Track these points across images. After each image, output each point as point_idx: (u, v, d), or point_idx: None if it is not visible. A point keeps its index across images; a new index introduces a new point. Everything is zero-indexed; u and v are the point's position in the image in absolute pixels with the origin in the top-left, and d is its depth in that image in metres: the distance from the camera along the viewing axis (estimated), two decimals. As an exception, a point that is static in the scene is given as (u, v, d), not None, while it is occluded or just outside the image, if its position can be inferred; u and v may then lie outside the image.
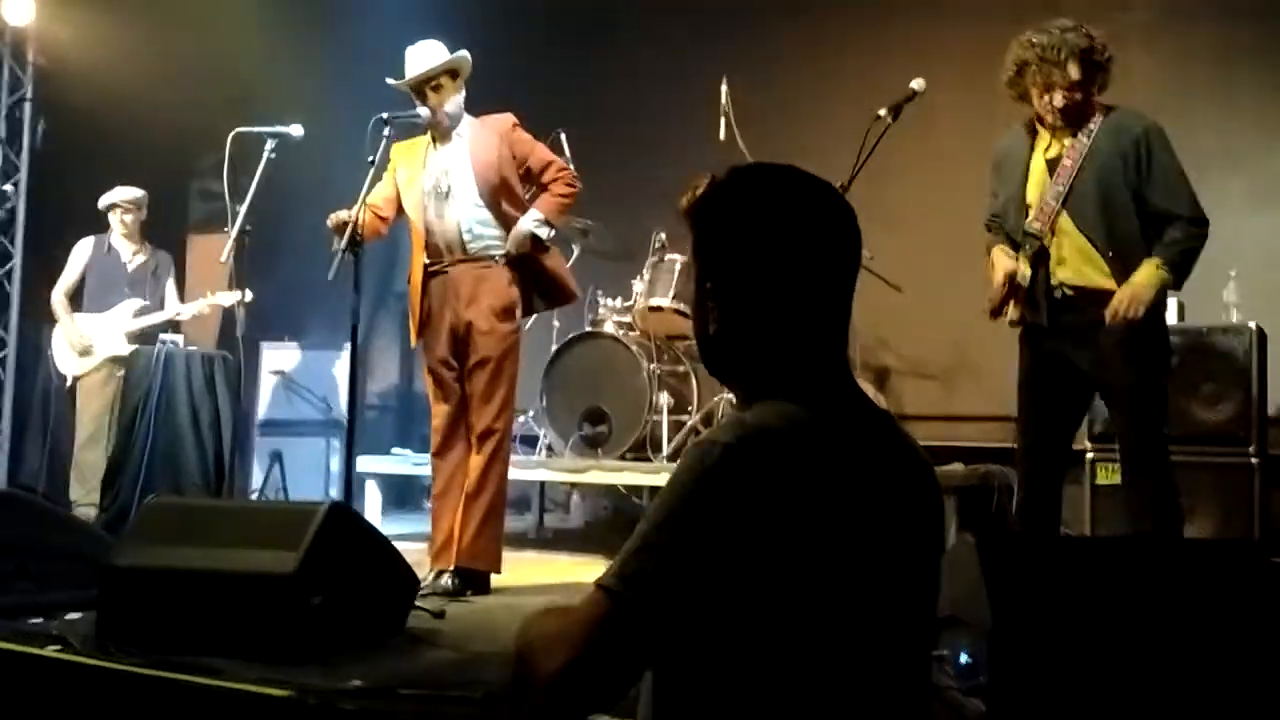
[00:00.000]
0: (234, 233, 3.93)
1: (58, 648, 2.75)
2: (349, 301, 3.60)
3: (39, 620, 3.05)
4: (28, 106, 6.79)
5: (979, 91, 4.86)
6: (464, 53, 4.01)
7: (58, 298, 5.71)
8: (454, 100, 3.96)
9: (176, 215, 9.10)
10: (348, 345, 7.08)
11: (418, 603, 3.20)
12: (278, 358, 6.88)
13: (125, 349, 5.25)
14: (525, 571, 4.40)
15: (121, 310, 5.53)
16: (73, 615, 3.13)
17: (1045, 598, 2.03)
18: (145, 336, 5.43)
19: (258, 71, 7.57)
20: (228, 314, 8.58)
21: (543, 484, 6.08)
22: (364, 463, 5.62)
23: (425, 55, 3.91)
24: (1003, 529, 4.09)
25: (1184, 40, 5.42)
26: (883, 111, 3.55)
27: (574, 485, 6.26)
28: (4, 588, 3.13)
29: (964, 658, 2.24)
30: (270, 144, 4.07)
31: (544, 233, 3.91)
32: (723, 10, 6.58)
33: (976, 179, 4.12)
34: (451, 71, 3.95)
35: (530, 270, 3.98)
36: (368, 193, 3.66)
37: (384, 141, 3.70)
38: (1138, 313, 3.17)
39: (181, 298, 5.87)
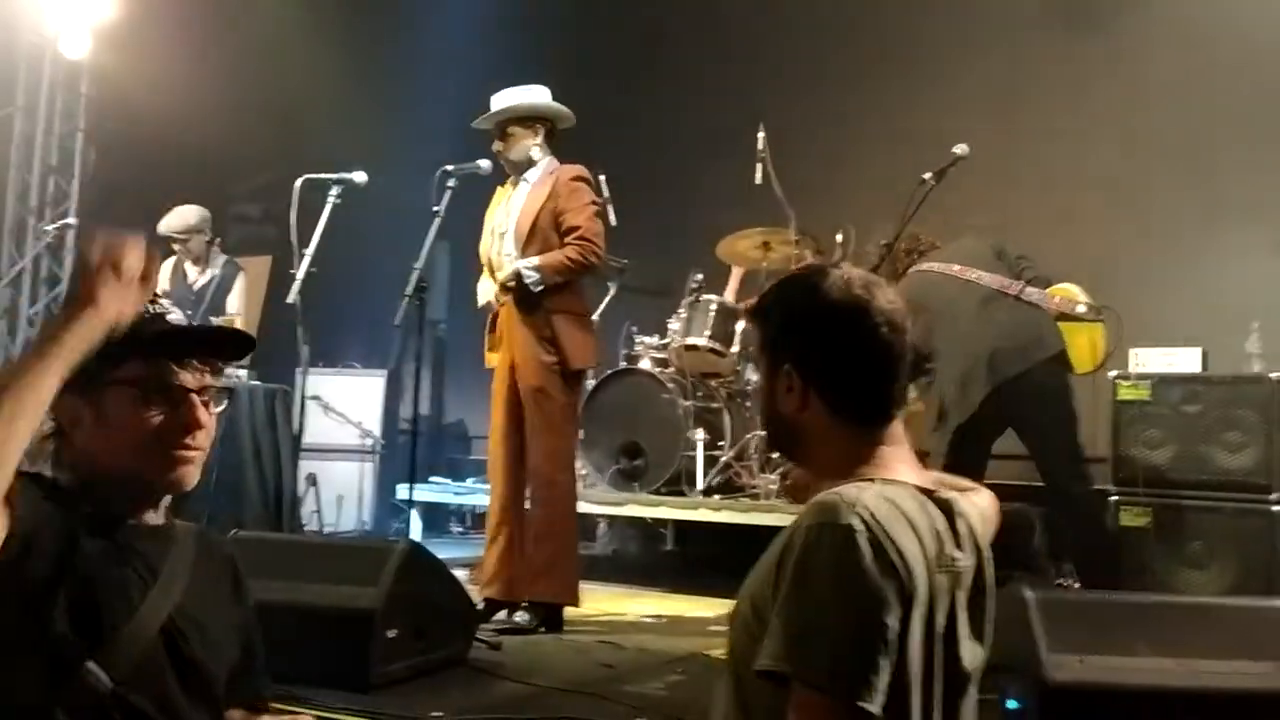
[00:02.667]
0: (300, 274, 4.10)
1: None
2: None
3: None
4: (80, 137, 7.01)
5: (1001, 145, 5.06)
6: (533, 101, 4.16)
7: None
8: (520, 147, 4.10)
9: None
10: (384, 371, 7.38)
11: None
12: (315, 383, 7.05)
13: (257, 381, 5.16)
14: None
15: None
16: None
17: (1094, 650, 2.19)
18: None
19: (294, 102, 7.81)
20: (260, 343, 8.84)
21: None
22: (405, 490, 5.77)
23: (497, 102, 4.09)
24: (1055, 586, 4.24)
25: (1209, 94, 5.57)
26: (927, 175, 3.73)
27: (615, 517, 6.40)
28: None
29: (1011, 703, 2.39)
30: (335, 189, 4.25)
31: (530, 278, 3.94)
32: (760, 57, 6.79)
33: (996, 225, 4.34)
34: (524, 119, 4.10)
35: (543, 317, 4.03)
36: (433, 241, 3.84)
37: (448, 193, 3.89)
38: None
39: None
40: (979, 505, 1.58)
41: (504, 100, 4.10)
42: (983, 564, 1.49)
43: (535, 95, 4.16)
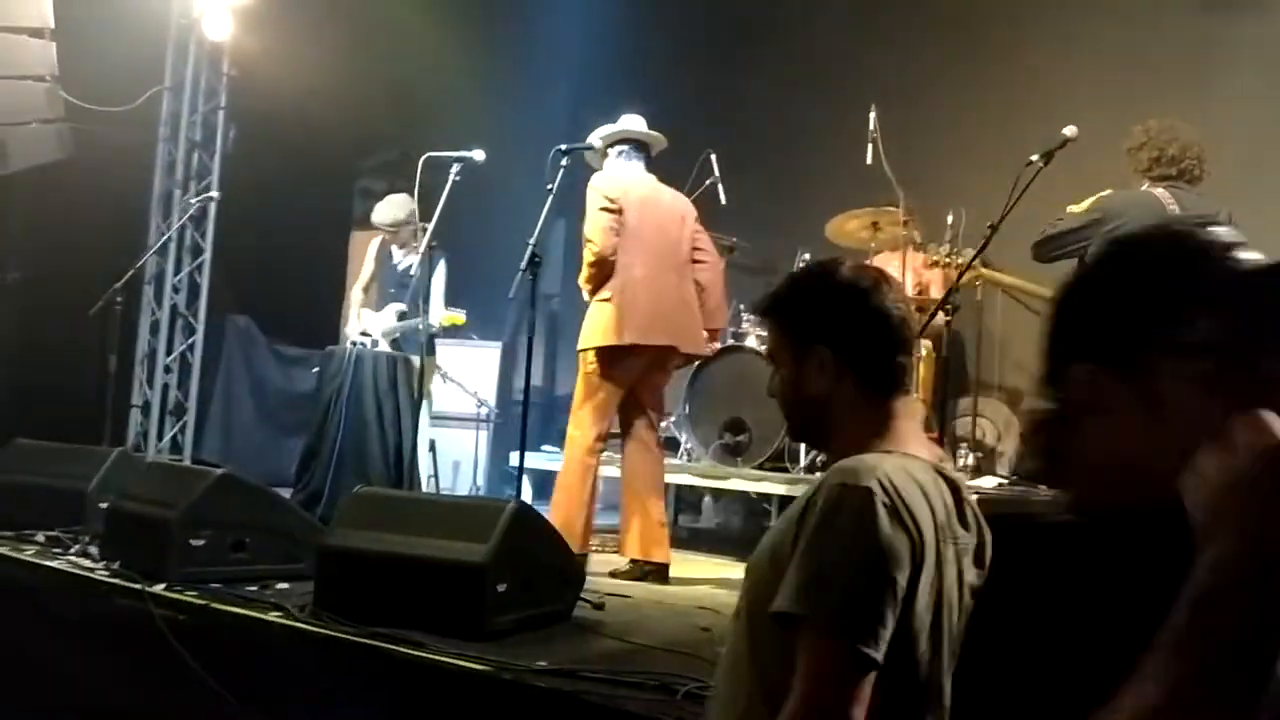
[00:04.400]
0: (422, 247, 4.32)
1: (279, 614, 3.16)
2: (513, 309, 3.95)
3: (254, 588, 3.49)
4: (221, 114, 7.40)
5: (1118, 128, 4.97)
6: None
7: (354, 293, 6.03)
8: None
9: (341, 213, 9.76)
10: (499, 342, 7.62)
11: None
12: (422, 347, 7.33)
13: (384, 347, 5.42)
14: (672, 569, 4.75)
15: (387, 312, 5.72)
16: (282, 585, 3.58)
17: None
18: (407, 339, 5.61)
19: (416, 82, 8.09)
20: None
21: (678, 486, 6.38)
22: (518, 458, 5.98)
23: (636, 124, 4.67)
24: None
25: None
26: (1035, 156, 3.71)
27: (717, 492, 6.53)
28: (225, 559, 3.57)
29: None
30: (455, 167, 4.46)
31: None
32: (874, 37, 6.76)
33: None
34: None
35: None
36: (547, 218, 4.02)
37: (561, 171, 4.05)
38: None
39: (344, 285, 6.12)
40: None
41: (640, 126, 4.63)
42: (984, 541, 1.61)
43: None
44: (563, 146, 4.08)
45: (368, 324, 5.65)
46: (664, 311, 4.42)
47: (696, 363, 5.76)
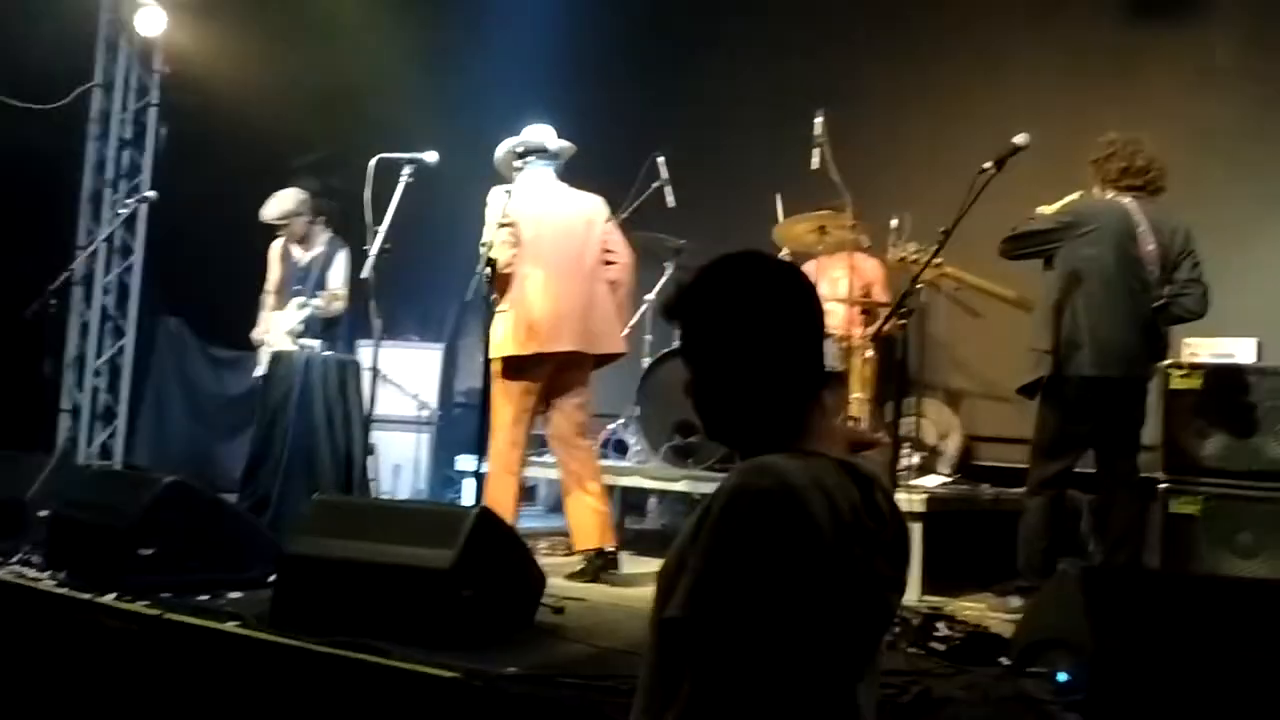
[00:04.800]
0: (374, 250, 4.26)
1: (237, 624, 3.09)
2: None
3: (206, 598, 3.41)
4: (153, 112, 7.22)
5: (1055, 133, 5.10)
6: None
7: (264, 297, 5.90)
8: None
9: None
10: (441, 344, 7.55)
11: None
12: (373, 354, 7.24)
13: (288, 346, 5.34)
14: (622, 572, 4.76)
15: (290, 309, 5.60)
16: (234, 594, 3.50)
17: (1143, 628, 2.29)
18: (309, 332, 5.47)
19: (356, 80, 7.98)
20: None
21: (624, 488, 6.39)
22: (462, 462, 5.96)
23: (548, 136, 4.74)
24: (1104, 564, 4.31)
25: (1267, 84, 5.55)
26: (988, 164, 3.79)
27: (662, 492, 6.55)
28: (176, 568, 3.48)
29: (1062, 675, 2.49)
30: (407, 169, 4.40)
31: None
32: (820, 42, 6.84)
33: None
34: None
35: None
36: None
37: (515, 173, 4.03)
38: None
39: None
40: (876, 461, 1.69)
41: (544, 135, 4.72)
42: (902, 528, 1.59)
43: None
44: (519, 148, 4.05)
45: (274, 326, 5.59)
46: (566, 317, 4.51)
47: (646, 366, 5.80)
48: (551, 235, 4.56)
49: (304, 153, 9.66)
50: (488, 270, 4.10)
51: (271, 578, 3.50)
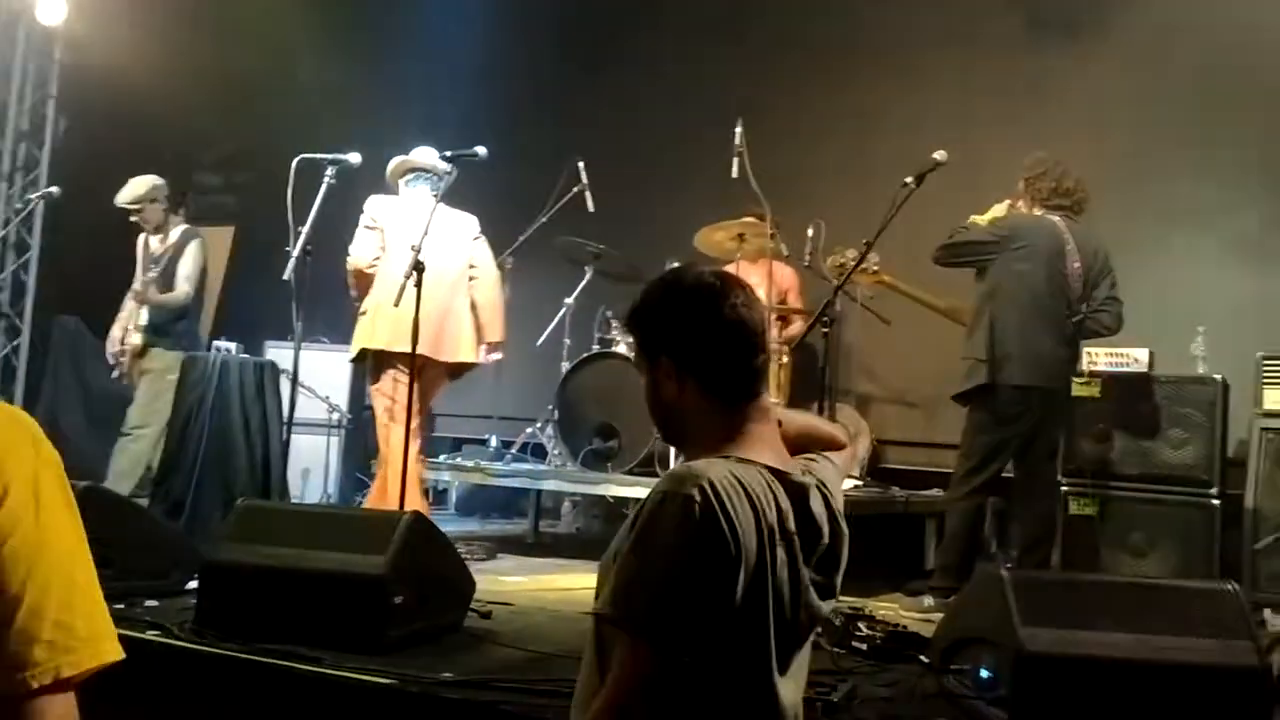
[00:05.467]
0: (296, 251, 4.19)
1: (158, 633, 3.02)
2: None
3: (121, 606, 3.31)
4: (51, 104, 6.97)
5: (961, 146, 5.29)
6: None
7: (128, 299, 5.76)
8: None
9: (175, 208, 9.32)
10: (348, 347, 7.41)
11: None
12: (284, 356, 7.10)
13: (136, 338, 5.32)
14: (543, 576, 4.80)
15: (127, 304, 5.56)
16: (151, 602, 3.41)
17: (1061, 625, 2.41)
18: (158, 328, 5.46)
19: (256, 75, 7.84)
20: (221, 313, 8.85)
21: (539, 492, 6.40)
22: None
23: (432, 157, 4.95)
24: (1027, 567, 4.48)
25: (1163, 104, 5.84)
26: (909, 179, 3.92)
27: (581, 496, 6.57)
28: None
29: (984, 672, 2.60)
30: (330, 170, 4.35)
31: None
32: (741, 51, 6.96)
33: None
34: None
35: None
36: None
37: (450, 177, 4.02)
38: None
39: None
40: (833, 463, 1.79)
41: (428, 157, 4.95)
42: (837, 534, 1.69)
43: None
44: (448, 153, 4.04)
45: (128, 326, 5.51)
46: (420, 323, 4.61)
47: (565, 371, 5.81)
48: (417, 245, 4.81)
49: (208, 148, 9.45)
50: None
51: (190, 584, 3.43)
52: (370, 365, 4.89)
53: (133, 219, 5.68)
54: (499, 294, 5.25)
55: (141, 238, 5.74)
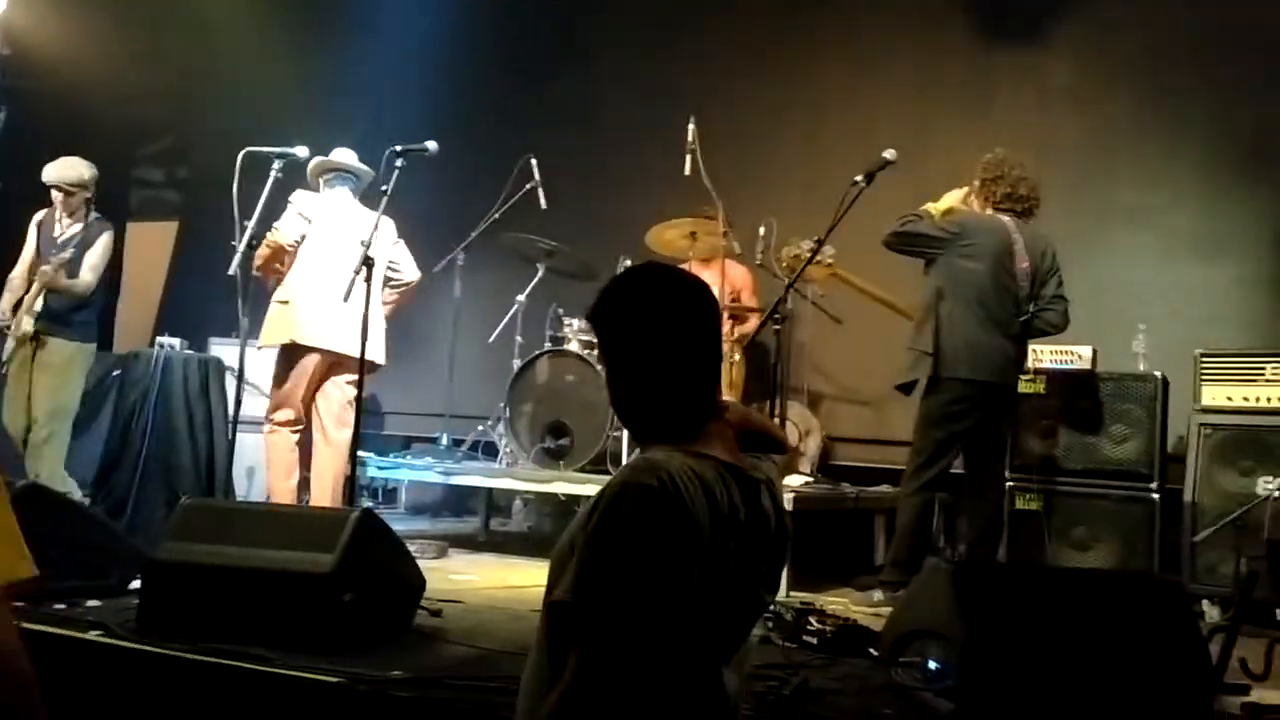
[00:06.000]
0: (241, 245, 4.13)
1: (100, 633, 2.96)
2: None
3: (62, 606, 3.25)
4: (-10, 94, 6.81)
5: (912, 146, 5.34)
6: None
7: (12, 279, 5.49)
8: None
9: (117, 203, 9.17)
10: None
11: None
12: (228, 353, 6.99)
13: (28, 324, 5.11)
14: (494, 574, 4.77)
15: (34, 287, 5.30)
16: (93, 602, 3.34)
17: (1006, 616, 2.44)
18: (57, 316, 5.24)
19: (198, 68, 7.72)
20: (164, 309, 8.69)
21: (490, 490, 6.36)
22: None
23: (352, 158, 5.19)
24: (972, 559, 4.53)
25: (1105, 106, 5.95)
26: (859, 178, 3.95)
27: (532, 494, 6.54)
28: (29, 576, 3.29)
29: (933, 664, 2.63)
30: (277, 164, 4.29)
31: None
32: (693, 48, 6.96)
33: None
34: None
35: None
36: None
37: (395, 173, 3.98)
38: None
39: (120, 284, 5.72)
40: (775, 463, 1.83)
41: (347, 158, 5.18)
42: (783, 530, 1.73)
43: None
44: (397, 148, 4.01)
45: (25, 309, 5.28)
46: (328, 318, 4.82)
47: (517, 368, 5.78)
48: (332, 244, 4.91)
49: (150, 142, 9.29)
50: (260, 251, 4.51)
51: (133, 584, 3.37)
52: (279, 354, 4.93)
53: (56, 196, 5.50)
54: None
55: (42, 217, 5.58)
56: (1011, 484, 4.93)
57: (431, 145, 4.14)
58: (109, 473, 4.43)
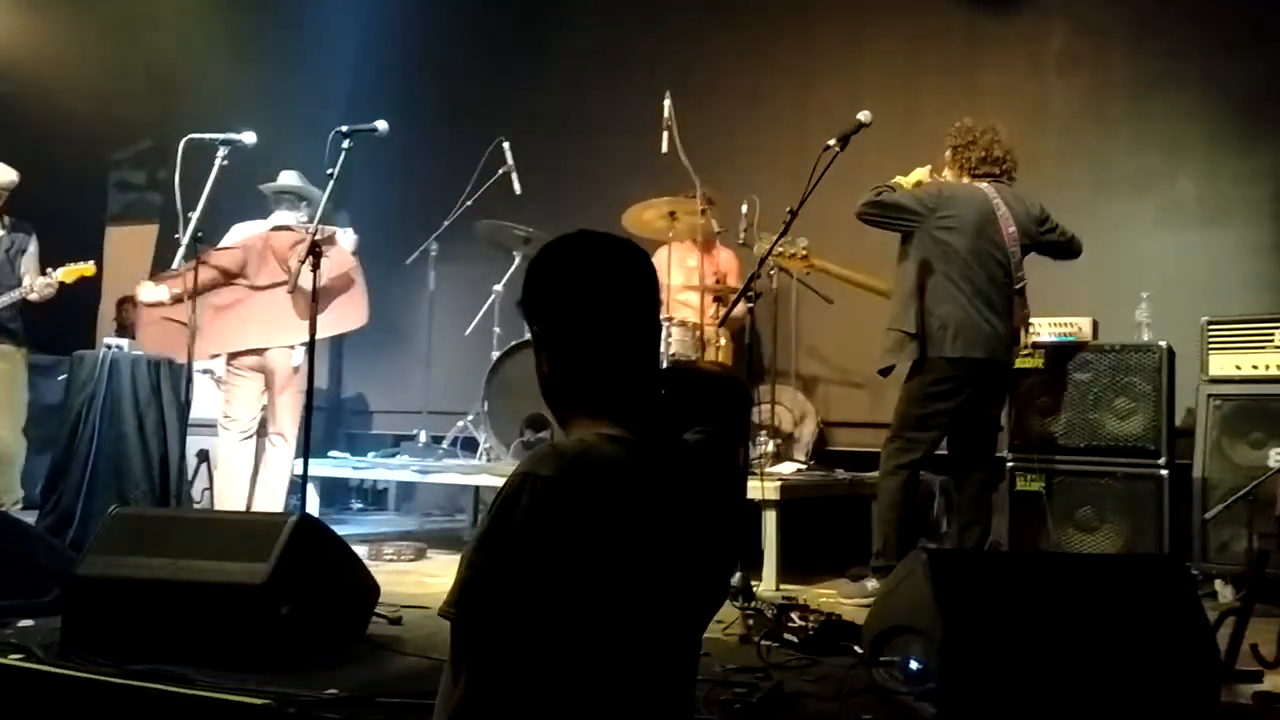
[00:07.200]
0: (186, 239, 3.92)
1: (20, 656, 2.76)
2: None
3: (-8, 627, 3.05)
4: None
5: (901, 117, 5.11)
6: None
7: None
8: None
9: (95, 207, 9.01)
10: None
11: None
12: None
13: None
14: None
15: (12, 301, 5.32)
16: (26, 622, 3.14)
17: (990, 609, 2.21)
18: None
19: (179, 66, 7.54)
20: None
21: (478, 488, 6.16)
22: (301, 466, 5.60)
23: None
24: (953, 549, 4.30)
25: (1100, 71, 5.71)
26: (832, 142, 3.72)
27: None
28: (-44, 596, 3.11)
29: (914, 664, 2.40)
30: (222, 151, 4.08)
31: None
32: (667, 26, 6.74)
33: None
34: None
35: None
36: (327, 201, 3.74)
37: (342, 155, 3.76)
38: None
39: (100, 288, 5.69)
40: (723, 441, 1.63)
41: (292, 181, 5.13)
42: (728, 512, 1.57)
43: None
44: (344, 128, 3.79)
45: None
46: (257, 320, 4.87)
47: (494, 361, 5.57)
48: (267, 254, 4.97)
49: (126, 145, 9.12)
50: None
51: (69, 602, 3.17)
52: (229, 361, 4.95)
53: None
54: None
55: None
56: (1011, 464, 4.70)
57: (381, 125, 3.92)
58: (55, 483, 4.22)
